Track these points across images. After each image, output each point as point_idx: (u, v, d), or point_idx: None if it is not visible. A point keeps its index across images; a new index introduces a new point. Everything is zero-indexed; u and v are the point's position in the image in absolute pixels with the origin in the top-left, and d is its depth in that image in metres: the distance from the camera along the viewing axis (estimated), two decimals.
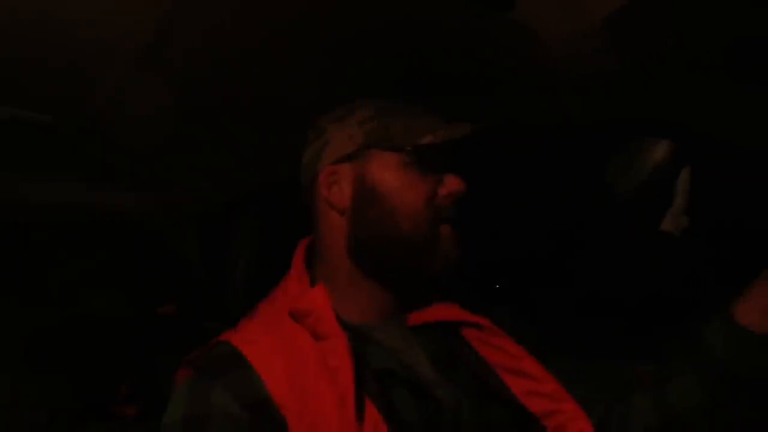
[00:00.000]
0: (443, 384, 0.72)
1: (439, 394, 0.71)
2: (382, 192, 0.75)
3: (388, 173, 0.76)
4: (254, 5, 0.67)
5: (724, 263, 1.04)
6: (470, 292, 0.85)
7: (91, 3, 0.67)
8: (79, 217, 1.32)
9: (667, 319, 1.10)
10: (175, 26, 0.71)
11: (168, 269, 1.46)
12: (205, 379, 0.66)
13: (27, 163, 1.17)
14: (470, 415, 0.71)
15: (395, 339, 0.75)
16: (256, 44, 0.76)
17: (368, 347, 0.72)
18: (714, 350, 0.68)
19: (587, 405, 0.75)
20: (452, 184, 0.77)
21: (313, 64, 0.82)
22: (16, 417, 1.31)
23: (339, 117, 0.80)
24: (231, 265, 1.13)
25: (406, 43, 0.77)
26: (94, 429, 1.39)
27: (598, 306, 1.18)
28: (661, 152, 1.02)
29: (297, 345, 0.69)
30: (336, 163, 0.78)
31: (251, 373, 0.66)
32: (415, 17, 0.71)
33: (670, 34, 0.70)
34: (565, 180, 1.11)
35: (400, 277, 0.77)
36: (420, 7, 0.68)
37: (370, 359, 0.70)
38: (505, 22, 0.69)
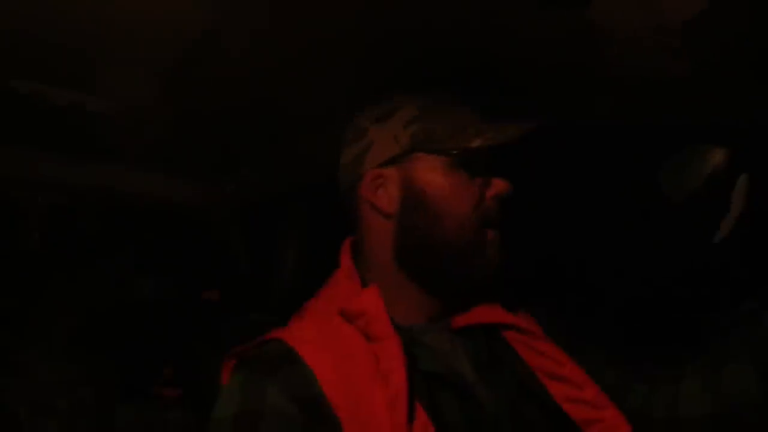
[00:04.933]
0: (484, 386, 0.72)
1: (481, 396, 0.71)
2: (430, 197, 0.74)
3: (435, 177, 0.74)
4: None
5: None
6: (510, 291, 0.84)
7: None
8: (128, 204, 1.35)
9: (713, 329, 1.07)
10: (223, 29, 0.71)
11: (213, 258, 1.49)
12: (259, 376, 0.66)
13: (78, 147, 1.20)
14: (510, 418, 0.70)
15: (442, 341, 0.75)
16: (305, 44, 0.75)
17: (417, 349, 0.72)
18: None
19: (621, 390, 0.74)
20: (499, 186, 0.76)
21: (362, 61, 0.81)
22: (62, 394, 1.35)
23: (380, 117, 0.78)
24: (277, 258, 1.14)
25: (463, 38, 0.75)
26: (134, 409, 1.42)
27: (637, 310, 1.16)
28: (718, 158, 0.99)
29: (347, 345, 0.69)
30: (381, 166, 0.76)
31: (306, 371, 0.66)
32: (481, 11, 0.69)
33: (746, 38, 0.67)
34: (617, 181, 1.08)
35: (445, 282, 0.76)
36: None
37: (419, 361, 0.70)
38: (576, 18, 0.66)
